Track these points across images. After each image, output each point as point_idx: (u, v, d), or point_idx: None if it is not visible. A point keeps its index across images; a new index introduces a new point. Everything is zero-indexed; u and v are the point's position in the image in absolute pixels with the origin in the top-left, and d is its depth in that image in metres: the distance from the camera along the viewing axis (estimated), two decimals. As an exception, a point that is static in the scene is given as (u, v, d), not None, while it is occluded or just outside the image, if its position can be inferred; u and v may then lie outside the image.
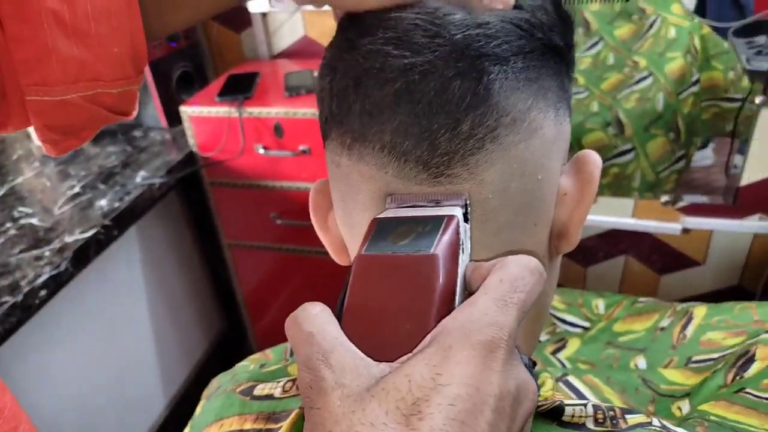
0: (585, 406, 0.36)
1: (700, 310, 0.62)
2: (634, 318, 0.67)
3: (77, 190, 1.20)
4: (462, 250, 0.29)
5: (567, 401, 0.36)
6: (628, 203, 1.23)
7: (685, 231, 1.20)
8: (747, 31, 1.12)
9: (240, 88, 1.29)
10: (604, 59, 1.28)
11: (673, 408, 0.47)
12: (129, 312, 1.43)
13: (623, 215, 1.23)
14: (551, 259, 0.38)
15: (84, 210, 1.13)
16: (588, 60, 1.29)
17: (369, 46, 0.31)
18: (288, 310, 0.28)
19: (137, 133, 1.43)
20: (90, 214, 1.11)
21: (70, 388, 1.25)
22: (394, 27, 0.31)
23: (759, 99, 1.03)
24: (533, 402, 0.25)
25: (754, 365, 0.45)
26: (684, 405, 0.47)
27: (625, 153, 1.26)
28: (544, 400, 0.36)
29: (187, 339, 1.65)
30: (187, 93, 1.41)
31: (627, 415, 0.36)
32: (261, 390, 0.43)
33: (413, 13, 0.31)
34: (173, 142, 1.37)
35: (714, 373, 0.48)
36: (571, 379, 0.51)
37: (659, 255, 1.27)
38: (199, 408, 0.48)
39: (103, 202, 1.15)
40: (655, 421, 0.36)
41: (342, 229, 0.38)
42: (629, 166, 1.27)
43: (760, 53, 1.08)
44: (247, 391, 0.44)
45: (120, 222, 1.12)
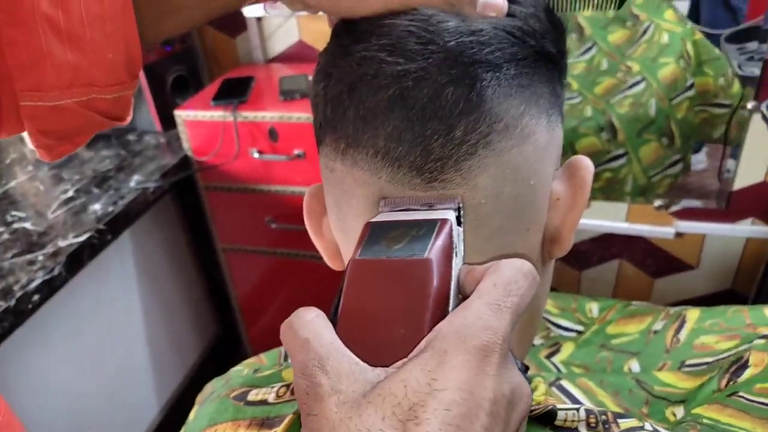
0: (577, 410, 0.36)
1: (693, 313, 0.62)
2: (627, 320, 0.67)
3: (71, 194, 1.20)
4: (455, 253, 0.29)
5: (560, 405, 0.36)
6: (621, 208, 1.23)
7: (679, 235, 1.21)
8: (739, 37, 1.14)
9: (235, 92, 1.29)
10: (597, 64, 1.29)
11: (667, 413, 0.48)
12: (123, 317, 1.43)
13: (617, 219, 1.24)
14: (544, 264, 0.38)
15: (78, 214, 1.12)
16: (582, 65, 1.30)
17: (363, 52, 0.32)
18: (283, 314, 0.27)
19: (131, 137, 1.43)
20: (84, 218, 1.11)
21: (63, 393, 1.25)
22: (388, 34, 0.31)
23: (751, 104, 1.04)
24: (527, 405, 0.25)
25: (747, 371, 0.46)
26: (678, 411, 0.47)
27: (618, 158, 1.27)
28: (536, 404, 0.36)
29: (182, 343, 1.65)
30: (182, 97, 1.41)
31: (619, 420, 0.36)
32: (255, 395, 0.43)
33: (407, 20, 0.31)
34: (168, 146, 1.37)
35: (709, 380, 0.48)
36: (565, 384, 0.51)
37: (653, 259, 1.27)
38: (193, 413, 0.48)
39: (97, 206, 1.15)
40: (648, 425, 0.36)
41: (336, 235, 0.38)
42: (622, 170, 1.28)
43: (751, 59, 1.09)
44: (241, 397, 0.44)
45: (114, 226, 1.11)
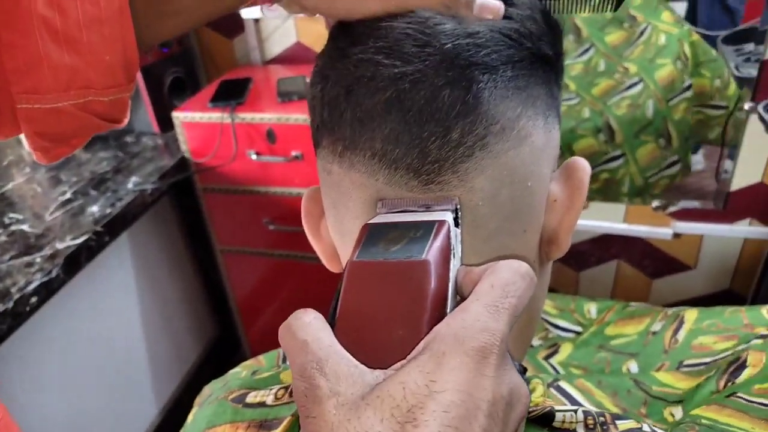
0: (575, 411, 0.36)
1: (691, 314, 0.62)
2: (625, 321, 0.67)
3: (68, 196, 1.20)
4: (453, 255, 0.29)
5: (558, 407, 0.36)
6: (619, 208, 1.24)
7: (677, 236, 1.21)
8: (736, 39, 1.14)
9: (232, 93, 1.29)
10: (595, 66, 1.29)
11: (666, 413, 0.48)
12: (121, 318, 1.42)
13: (615, 220, 1.24)
14: (542, 265, 0.38)
15: (75, 216, 1.12)
16: (579, 66, 1.30)
17: (360, 55, 0.32)
18: (281, 315, 0.27)
19: (129, 139, 1.42)
20: (81, 220, 1.11)
21: (61, 395, 1.24)
22: (384, 36, 0.31)
23: (748, 105, 1.04)
24: (525, 406, 0.25)
25: (745, 371, 0.46)
26: (677, 411, 0.47)
27: (616, 159, 1.27)
28: (534, 405, 0.36)
29: (180, 345, 1.64)
30: (180, 98, 1.41)
31: (618, 421, 0.36)
32: (253, 397, 0.43)
33: (404, 23, 0.31)
34: (165, 147, 1.37)
35: (707, 380, 0.48)
36: (563, 385, 0.51)
37: (651, 260, 1.27)
38: (191, 415, 0.48)
39: (95, 208, 1.14)
40: (646, 426, 0.36)
41: (334, 236, 0.38)
42: (619, 171, 1.29)
43: (748, 60, 1.10)
44: (239, 399, 0.44)
45: (112, 228, 1.11)
